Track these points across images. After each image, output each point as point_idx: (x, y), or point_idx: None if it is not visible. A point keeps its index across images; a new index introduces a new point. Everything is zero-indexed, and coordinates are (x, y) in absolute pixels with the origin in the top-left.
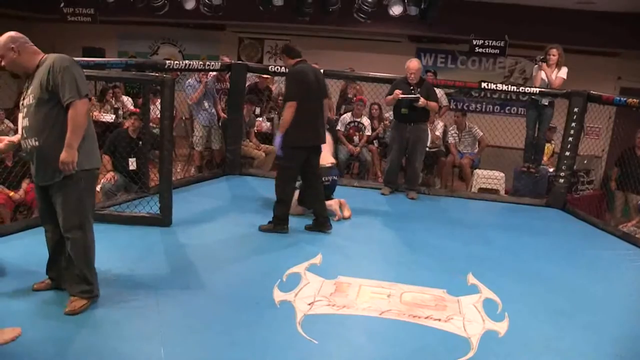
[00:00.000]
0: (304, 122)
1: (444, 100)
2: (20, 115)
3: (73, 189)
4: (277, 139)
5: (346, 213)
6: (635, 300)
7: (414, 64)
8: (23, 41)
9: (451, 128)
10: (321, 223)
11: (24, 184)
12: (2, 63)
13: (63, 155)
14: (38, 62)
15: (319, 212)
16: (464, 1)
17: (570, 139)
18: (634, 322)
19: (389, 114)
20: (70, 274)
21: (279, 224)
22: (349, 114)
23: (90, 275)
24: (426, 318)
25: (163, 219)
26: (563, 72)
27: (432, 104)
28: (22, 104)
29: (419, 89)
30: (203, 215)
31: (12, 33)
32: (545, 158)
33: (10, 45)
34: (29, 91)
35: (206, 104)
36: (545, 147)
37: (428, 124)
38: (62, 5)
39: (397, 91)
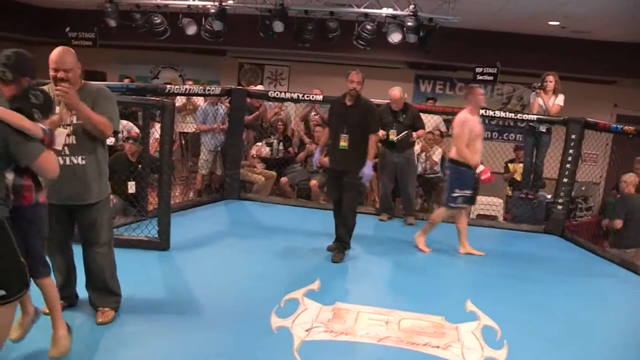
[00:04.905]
0: None
1: (442, 127)
2: (64, 132)
3: (107, 208)
4: (368, 169)
5: None
6: (636, 328)
7: (394, 93)
8: None
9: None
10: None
11: None
12: (69, 76)
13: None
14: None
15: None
16: (462, 29)
17: (568, 165)
18: (636, 351)
19: None
20: (95, 288)
21: (348, 248)
22: None
23: (116, 287)
24: (424, 345)
25: (161, 243)
26: (560, 99)
27: (420, 132)
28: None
29: (404, 115)
30: (201, 240)
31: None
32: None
33: (78, 63)
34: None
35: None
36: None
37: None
38: (67, 29)
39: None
